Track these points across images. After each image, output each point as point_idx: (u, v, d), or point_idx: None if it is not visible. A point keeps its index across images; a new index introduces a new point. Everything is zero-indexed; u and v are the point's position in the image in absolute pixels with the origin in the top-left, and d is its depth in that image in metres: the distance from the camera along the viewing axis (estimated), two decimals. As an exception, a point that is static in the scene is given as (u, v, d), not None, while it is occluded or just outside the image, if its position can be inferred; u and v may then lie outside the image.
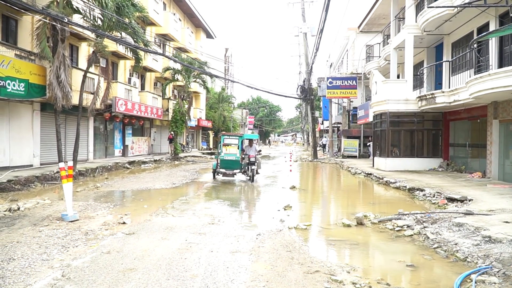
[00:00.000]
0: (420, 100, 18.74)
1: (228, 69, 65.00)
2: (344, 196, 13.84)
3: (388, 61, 23.61)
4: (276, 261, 5.89)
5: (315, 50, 29.93)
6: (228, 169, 16.82)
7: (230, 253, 6.25)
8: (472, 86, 13.50)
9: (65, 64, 15.99)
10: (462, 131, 18.69)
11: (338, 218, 9.28)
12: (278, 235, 7.53)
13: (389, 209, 10.30)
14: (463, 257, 6.02)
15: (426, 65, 20.72)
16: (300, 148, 66.19)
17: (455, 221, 7.79)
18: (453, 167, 18.65)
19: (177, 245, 6.69)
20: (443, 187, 12.68)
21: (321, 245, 7.31)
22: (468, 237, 6.78)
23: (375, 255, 6.76)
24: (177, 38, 32.93)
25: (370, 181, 17.55)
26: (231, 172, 16.73)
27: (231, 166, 16.84)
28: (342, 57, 42.88)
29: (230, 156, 16.87)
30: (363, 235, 7.82)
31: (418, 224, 8.11)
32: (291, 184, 15.44)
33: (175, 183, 15.82)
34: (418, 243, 7.10)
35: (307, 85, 33.40)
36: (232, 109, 59.91)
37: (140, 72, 28.73)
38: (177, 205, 10.58)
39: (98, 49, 18.18)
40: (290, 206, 10.65)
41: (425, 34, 18.91)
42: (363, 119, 29.59)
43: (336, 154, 34.81)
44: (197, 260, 5.88)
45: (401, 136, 20.23)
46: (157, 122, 32.70)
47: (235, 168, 16.86)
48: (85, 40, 20.37)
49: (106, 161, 22.18)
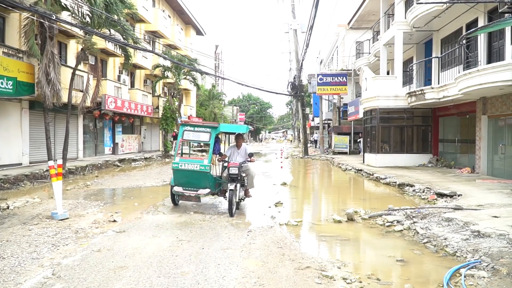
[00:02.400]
0: (410, 96, 18.85)
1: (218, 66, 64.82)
2: (335, 192, 13.89)
3: (378, 57, 23.70)
4: (267, 258, 5.90)
5: (305, 46, 29.96)
6: (188, 187, 9.40)
7: (221, 250, 6.25)
8: (461, 82, 13.61)
9: (54, 61, 15.84)
10: (452, 127, 18.85)
11: (329, 214, 9.32)
12: (269, 231, 7.54)
13: (380, 205, 10.37)
14: (452, 251, 6.08)
15: (416, 61, 20.86)
16: (291, 145, 66.28)
17: (445, 216, 7.86)
18: (442, 163, 18.81)
19: (168, 242, 6.67)
20: (432, 183, 12.79)
21: (312, 241, 7.34)
22: (457, 232, 6.85)
23: (365, 250, 6.80)
24: (166, 35, 32.75)
25: (360, 177, 17.64)
26: (193, 193, 9.33)
27: (193, 183, 9.37)
28: (332, 54, 42.98)
29: (191, 165, 9.26)
30: (353, 231, 7.86)
31: (408, 220, 8.17)
32: (282, 180, 15.47)
33: (166, 180, 15.75)
34: (408, 238, 7.16)
35: (297, 82, 33.45)
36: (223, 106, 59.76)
37: (130, 70, 28.52)
38: (168, 203, 10.54)
39: (87, 47, 18.02)
40: (281, 202, 10.67)
41: (415, 30, 19.02)
42: (353, 116, 29.70)
43: (327, 150, 34.92)
44: (188, 257, 5.87)
45: (391, 132, 20.35)
46: (147, 120, 32.53)
47: (201, 185, 9.36)
48: (74, 37, 20.17)
49: (96, 159, 22.03)
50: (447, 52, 17.82)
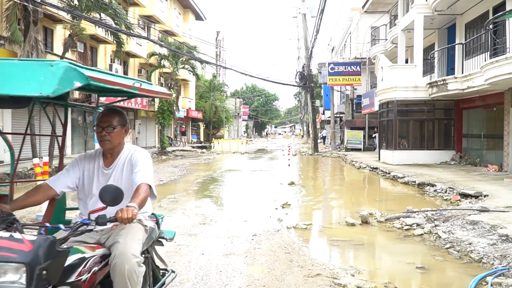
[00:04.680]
0: (431, 86, 18.76)
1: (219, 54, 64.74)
2: (347, 193, 13.87)
3: (396, 44, 23.59)
4: (274, 264, 5.89)
5: (315, 32, 29.92)
6: None
7: (223, 256, 6.25)
8: (488, 71, 13.51)
9: (38, 49, 15.86)
10: (477, 120, 18.75)
11: (341, 217, 9.30)
12: (276, 235, 7.54)
13: (397, 206, 10.34)
14: (478, 257, 6.05)
15: (437, 48, 20.73)
16: (299, 141, 66.31)
17: (469, 218, 7.82)
18: (466, 160, 18.73)
19: (165, 247, 6.66)
20: (455, 182, 12.74)
21: (322, 246, 7.33)
22: (483, 236, 6.81)
23: (382, 256, 6.79)
24: (163, 20, 32.76)
25: (376, 176, 17.61)
26: None
27: None
28: (345, 41, 42.83)
29: None
30: (368, 234, 7.85)
31: (429, 223, 8.15)
32: (290, 180, 15.45)
33: (163, 180, 15.78)
34: (429, 243, 7.13)
35: (306, 72, 33.39)
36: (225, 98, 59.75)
37: (123, 58, 28.54)
38: (165, 204, 10.56)
39: (75, 32, 18.01)
40: (288, 203, 10.65)
41: (436, 14, 18.88)
42: (368, 109, 29.62)
43: (338, 146, 34.88)
44: (187, 263, 5.88)
45: (410, 126, 20.27)
46: (142, 113, 32.62)
47: None
48: (61, 22, 20.18)
49: (85, 157, 22.05)
50: (472, 38, 17.70)
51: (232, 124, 64.70)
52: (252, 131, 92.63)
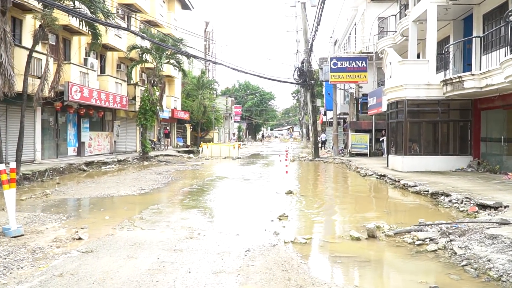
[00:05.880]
0: (445, 84, 18.84)
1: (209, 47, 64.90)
2: (352, 203, 13.89)
3: (406, 37, 23.68)
4: (269, 283, 5.89)
5: (316, 24, 29.93)
6: None
7: (212, 274, 6.24)
8: (508, 67, 13.59)
9: (6, 41, 15.77)
10: (496, 122, 18.84)
11: (345, 230, 9.31)
12: (272, 251, 7.53)
13: (408, 219, 10.36)
14: (497, 276, 6.07)
15: (453, 42, 20.82)
16: (298, 145, 66.42)
17: (488, 232, 7.84)
18: (485, 167, 18.80)
19: (147, 264, 6.66)
20: (473, 191, 12.77)
21: (324, 263, 7.33)
22: (503, 252, 6.84)
23: (390, 275, 6.80)
24: (145, 9, 32.76)
25: (384, 185, 17.64)
26: None
27: None
28: (349, 33, 42.96)
29: None
30: (375, 250, 7.86)
31: (443, 237, 8.17)
32: (288, 188, 15.45)
33: (144, 188, 15.74)
34: (443, 259, 7.15)
35: (306, 67, 33.44)
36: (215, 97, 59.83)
37: (99, 52, 28.48)
38: (147, 216, 10.52)
39: (46, 23, 17.94)
40: (286, 215, 10.65)
41: (451, 3, 18.98)
42: (374, 109, 29.69)
43: (342, 151, 34.93)
44: (172, 283, 5.86)
45: (422, 129, 20.33)
46: (121, 114, 32.52)
47: None
48: (31, 11, 20.14)
49: (57, 162, 22.01)
50: (491, 30, 17.79)
51: (222, 126, 64.65)
52: (246, 133, 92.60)
